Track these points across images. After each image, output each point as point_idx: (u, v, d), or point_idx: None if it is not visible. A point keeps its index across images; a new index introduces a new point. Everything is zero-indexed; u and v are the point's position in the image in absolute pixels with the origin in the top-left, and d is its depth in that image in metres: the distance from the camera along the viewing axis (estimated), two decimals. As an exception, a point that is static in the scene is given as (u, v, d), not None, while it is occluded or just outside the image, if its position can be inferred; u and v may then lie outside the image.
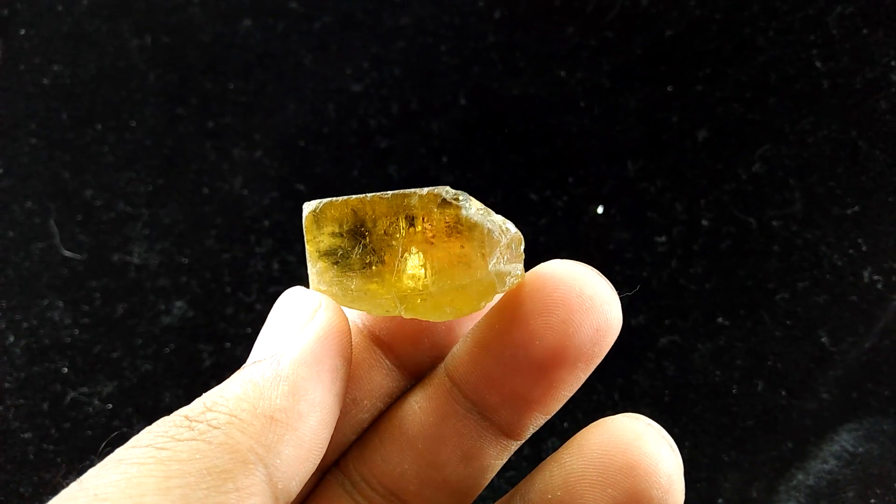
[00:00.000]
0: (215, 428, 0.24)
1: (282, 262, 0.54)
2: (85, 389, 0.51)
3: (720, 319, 0.50)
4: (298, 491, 0.26)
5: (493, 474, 0.31)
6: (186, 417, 0.24)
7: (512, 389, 0.28)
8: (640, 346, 0.50)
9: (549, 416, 0.29)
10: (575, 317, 0.26)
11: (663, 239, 0.53)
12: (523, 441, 0.31)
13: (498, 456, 0.31)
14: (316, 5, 0.60)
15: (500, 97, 0.58)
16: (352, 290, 0.28)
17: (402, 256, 0.28)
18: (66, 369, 0.51)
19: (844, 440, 0.47)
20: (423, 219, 0.27)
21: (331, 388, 0.26)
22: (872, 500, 0.45)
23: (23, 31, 0.61)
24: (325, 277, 0.29)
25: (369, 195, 0.28)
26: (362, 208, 0.28)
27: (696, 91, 0.56)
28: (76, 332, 0.52)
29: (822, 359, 0.49)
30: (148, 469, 0.22)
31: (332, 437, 0.27)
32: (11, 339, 0.53)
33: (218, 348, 0.52)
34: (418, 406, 0.31)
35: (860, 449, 0.46)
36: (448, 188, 0.27)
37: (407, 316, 0.28)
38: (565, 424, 0.49)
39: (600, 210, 0.54)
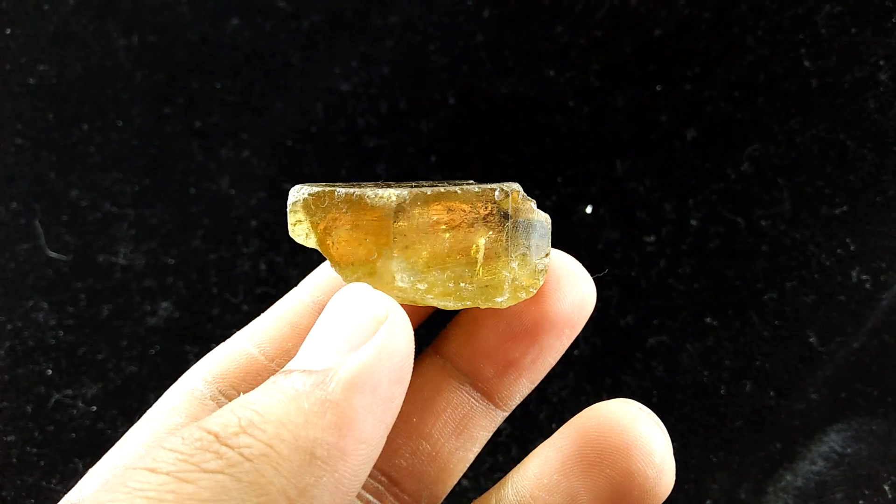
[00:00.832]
0: (247, 460, 0.21)
1: (269, 263, 0.54)
2: (69, 392, 0.51)
3: (708, 319, 0.50)
4: None
5: (479, 448, 0.33)
6: (217, 438, 0.21)
7: (505, 357, 0.31)
8: (628, 347, 0.50)
9: (534, 385, 0.32)
10: (562, 285, 0.30)
11: (652, 239, 0.52)
12: (509, 412, 0.33)
13: (486, 427, 0.32)
14: (304, 4, 0.60)
15: (489, 96, 0.58)
16: (424, 288, 0.28)
17: (491, 249, 0.29)
18: (50, 371, 0.51)
19: (833, 441, 0.46)
20: (506, 213, 0.29)
21: (382, 419, 0.23)
22: (861, 502, 0.45)
23: (8, 31, 0.61)
24: (399, 276, 0.28)
25: (443, 188, 0.28)
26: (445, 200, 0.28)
27: (684, 90, 0.56)
28: (61, 333, 0.52)
29: (811, 359, 0.49)
30: None
31: None
32: (-5, 340, 0.52)
33: (204, 349, 0.52)
34: (412, 384, 0.31)
35: (848, 449, 0.46)
36: (518, 185, 0.29)
37: (483, 307, 0.29)
38: (553, 425, 0.48)
39: (589, 210, 0.54)
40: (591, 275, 0.31)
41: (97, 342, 0.52)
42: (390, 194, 0.27)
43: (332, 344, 0.24)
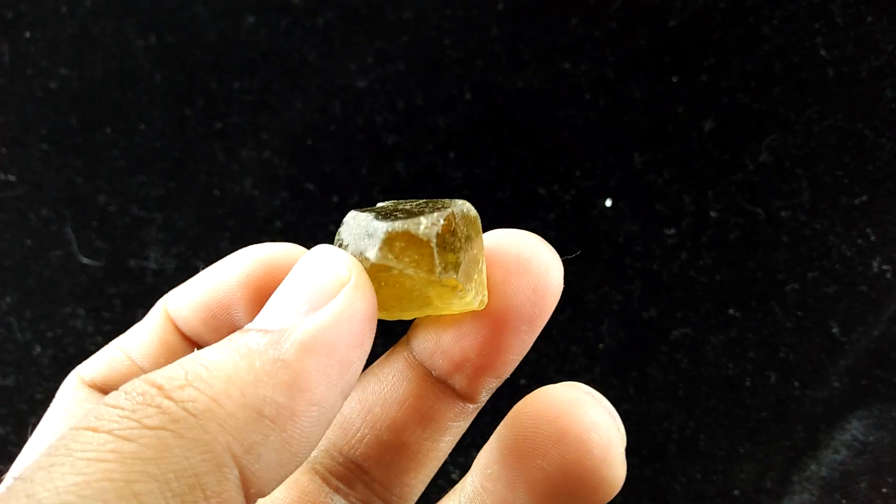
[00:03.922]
0: (191, 415, 0.20)
1: (296, 263, 0.55)
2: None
3: (731, 311, 0.51)
4: (270, 492, 0.22)
5: (454, 439, 0.31)
6: (161, 390, 0.20)
7: (462, 355, 0.28)
8: (652, 339, 0.51)
9: (502, 380, 0.29)
10: (511, 278, 0.26)
11: (672, 231, 0.53)
12: (481, 405, 0.30)
13: (456, 418, 0.30)
14: (318, 0, 0.60)
15: (505, 91, 0.58)
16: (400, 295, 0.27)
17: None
18: (89, 377, 0.52)
19: (855, 428, 0.47)
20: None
21: (336, 383, 0.22)
22: (885, 490, 0.46)
23: (28, 34, 0.61)
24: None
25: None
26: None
27: (701, 81, 0.56)
28: (99, 339, 0.53)
29: (833, 349, 0.49)
30: (108, 469, 0.18)
31: None
32: (38, 349, 0.53)
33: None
34: (379, 372, 0.31)
35: (871, 437, 0.47)
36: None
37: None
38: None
39: (608, 203, 0.54)
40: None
41: (133, 347, 0.52)
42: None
43: (291, 304, 0.23)
